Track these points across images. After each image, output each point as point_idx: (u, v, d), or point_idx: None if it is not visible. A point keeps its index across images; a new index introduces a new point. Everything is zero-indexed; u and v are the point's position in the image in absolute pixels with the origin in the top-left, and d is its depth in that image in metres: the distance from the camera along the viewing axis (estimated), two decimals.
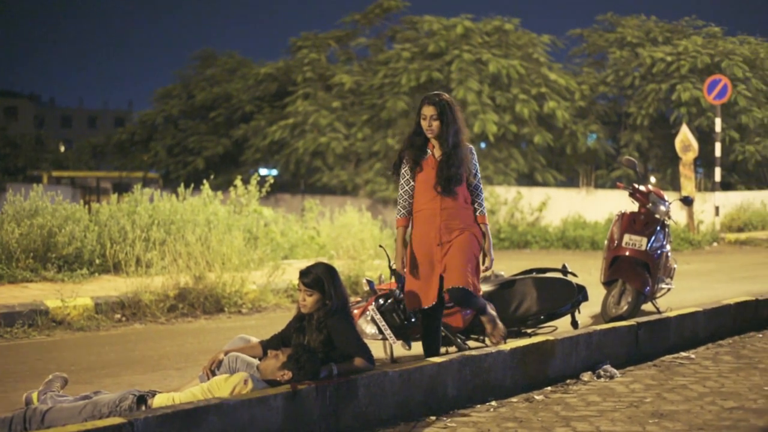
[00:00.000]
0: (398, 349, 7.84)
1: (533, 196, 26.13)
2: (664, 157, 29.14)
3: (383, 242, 14.61)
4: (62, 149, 62.95)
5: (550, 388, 7.48)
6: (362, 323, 7.51)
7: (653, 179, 26.75)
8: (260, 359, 6.23)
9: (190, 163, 31.99)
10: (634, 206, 10.61)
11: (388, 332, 7.45)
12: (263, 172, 30.96)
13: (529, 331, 8.45)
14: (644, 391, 7.36)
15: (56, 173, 48.58)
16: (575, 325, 8.67)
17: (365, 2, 30.46)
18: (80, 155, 48.05)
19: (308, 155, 28.85)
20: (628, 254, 10.13)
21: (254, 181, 15.51)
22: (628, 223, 10.33)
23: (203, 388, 5.86)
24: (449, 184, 6.83)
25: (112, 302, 10.86)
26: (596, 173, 29.74)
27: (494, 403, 6.89)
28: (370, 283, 7.88)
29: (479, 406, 6.85)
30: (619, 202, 18.60)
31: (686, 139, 24.00)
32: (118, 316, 10.80)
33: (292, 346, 6.20)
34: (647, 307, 10.41)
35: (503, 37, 28.70)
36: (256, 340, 6.54)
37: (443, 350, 7.46)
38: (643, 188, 10.55)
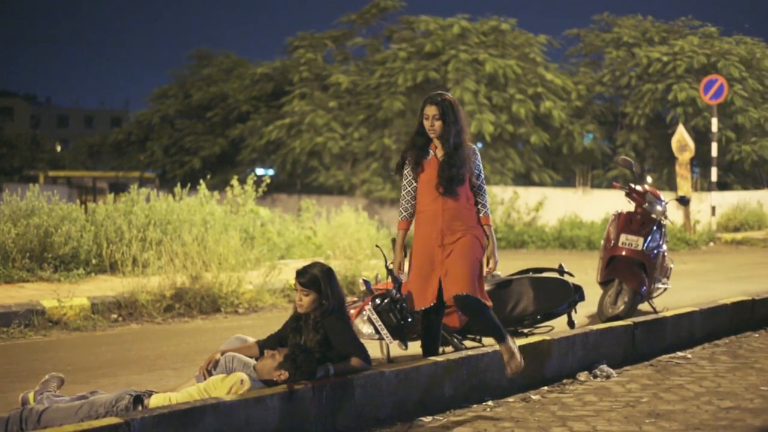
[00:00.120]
0: (395, 348, 7.84)
1: (530, 195, 26.16)
2: (660, 157, 29.17)
3: (380, 242, 14.59)
4: (59, 149, 62.93)
5: (546, 387, 7.48)
6: (359, 323, 7.51)
7: (649, 179, 26.75)
8: (257, 359, 6.22)
9: (186, 162, 31.98)
10: (630, 206, 10.61)
11: (384, 332, 7.44)
12: (260, 171, 30.95)
13: (525, 330, 8.45)
14: (641, 390, 7.37)
15: (52, 173, 48.46)
16: (572, 324, 8.67)
17: (362, 2, 30.49)
18: (77, 155, 47.97)
19: (305, 155, 28.85)
20: (624, 254, 10.13)
21: (251, 181, 15.48)
22: (624, 223, 10.33)
23: (200, 388, 5.85)
24: (451, 184, 6.73)
25: (108, 302, 10.85)
26: (593, 173, 29.77)
27: (491, 402, 6.89)
28: (366, 283, 7.87)
29: (476, 405, 6.85)
30: (615, 202, 18.58)
31: (683, 139, 24.02)
32: (114, 316, 10.78)
33: (288, 346, 6.19)
34: (644, 306, 10.41)
35: (500, 37, 28.72)
36: (252, 340, 6.53)
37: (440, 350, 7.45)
38: (639, 188, 10.55)
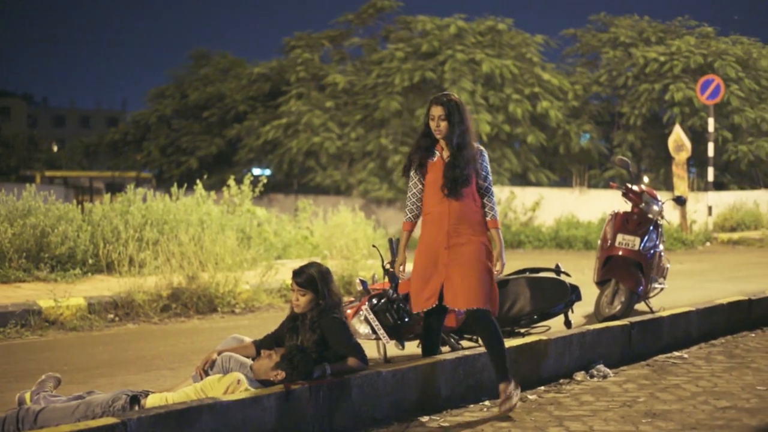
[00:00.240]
0: (392, 349, 7.84)
1: (526, 195, 26.16)
2: (657, 156, 29.19)
3: (376, 242, 14.60)
4: (55, 149, 62.86)
5: (543, 387, 7.49)
6: (355, 323, 7.51)
7: (646, 179, 26.83)
8: (253, 359, 6.22)
9: (183, 162, 31.96)
10: (627, 206, 10.62)
11: (381, 332, 7.44)
12: (256, 171, 30.91)
13: (522, 330, 8.45)
14: (637, 390, 7.37)
15: (49, 173, 48.47)
16: (568, 324, 8.67)
17: (359, 2, 30.48)
18: (73, 155, 48.00)
19: (301, 155, 28.83)
20: (621, 254, 10.13)
21: (247, 180, 15.49)
22: (621, 222, 10.33)
23: (196, 388, 5.85)
24: (455, 185, 6.63)
25: (105, 302, 10.84)
26: (589, 173, 29.79)
27: (487, 402, 6.89)
28: (363, 282, 7.87)
29: (473, 405, 6.86)
30: (612, 201, 18.61)
31: (679, 139, 24.03)
32: (111, 316, 10.78)
33: (285, 346, 6.19)
34: (640, 306, 10.42)
35: (496, 37, 28.73)
36: (249, 340, 6.53)
37: None
38: (636, 188, 10.56)
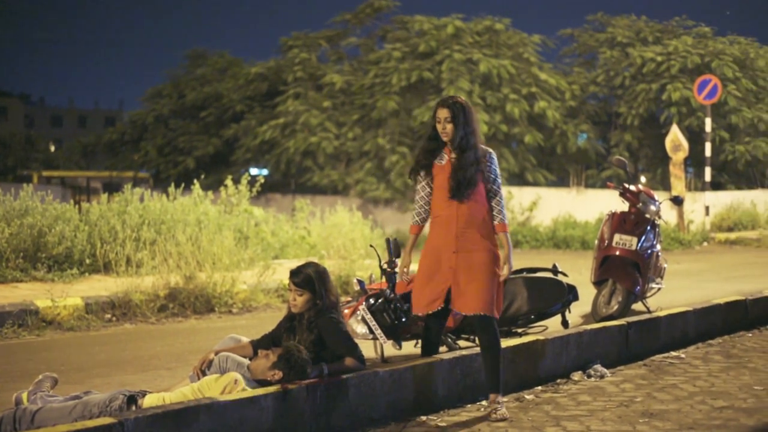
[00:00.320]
0: (389, 348, 7.83)
1: (524, 195, 26.17)
2: (654, 156, 29.19)
3: (374, 242, 14.61)
4: (52, 149, 62.80)
5: (540, 387, 7.49)
6: (353, 323, 7.51)
7: (643, 179, 26.76)
8: (251, 359, 6.22)
9: (180, 162, 31.93)
10: (624, 206, 10.62)
11: (378, 332, 7.44)
12: (254, 171, 30.90)
13: (519, 330, 8.45)
14: (634, 390, 7.38)
15: (46, 173, 48.41)
16: (565, 324, 8.67)
17: (356, 2, 30.46)
18: (70, 155, 47.96)
19: (299, 155, 28.81)
20: (618, 254, 10.14)
21: (245, 180, 15.48)
22: (618, 222, 10.34)
23: (194, 388, 5.85)
24: (460, 188, 6.58)
25: (102, 302, 10.84)
26: (587, 173, 29.79)
27: (484, 402, 6.89)
28: (360, 282, 7.87)
29: (470, 405, 6.86)
30: (609, 201, 18.63)
31: (676, 138, 24.05)
32: (108, 316, 10.77)
33: (282, 346, 6.19)
34: (638, 306, 10.42)
35: (494, 36, 28.72)
36: (246, 339, 6.53)
37: None
38: (633, 188, 10.56)
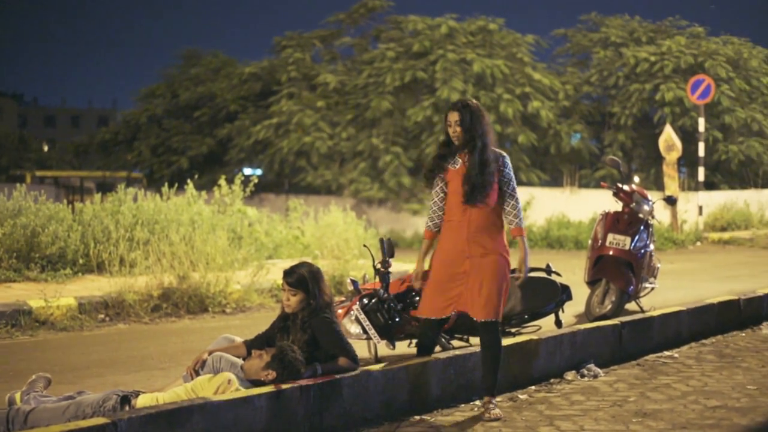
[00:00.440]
0: (382, 348, 7.84)
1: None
2: (647, 156, 29.22)
3: (367, 242, 14.59)
4: (45, 149, 62.77)
5: (534, 387, 7.50)
6: (346, 323, 7.51)
7: (637, 179, 26.83)
8: (244, 359, 6.22)
9: (174, 162, 31.88)
10: (617, 206, 10.64)
11: (372, 332, 7.45)
12: (247, 171, 30.84)
13: (513, 330, 8.45)
14: (628, 390, 7.39)
15: (39, 173, 48.35)
16: (559, 324, 8.68)
17: (350, 2, 30.46)
18: (63, 155, 47.98)
19: (292, 155, 28.78)
20: (611, 254, 10.16)
21: (238, 180, 15.46)
22: (611, 222, 10.35)
23: (187, 388, 5.85)
24: (472, 192, 6.52)
25: (95, 302, 10.82)
26: (580, 173, 29.80)
27: (478, 402, 6.90)
28: (354, 282, 7.87)
29: (463, 405, 6.87)
30: (602, 201, 18.66)
31: (670, 138, 24.08)
32: (101, 316, 10.76)
33: (276, 346, 6.19)
34: (631, 306, 10.44)
35: (487, 36, 28.73)
36: (240, 339, 6.53)
37: None
38: (626, 188, 10.58)
